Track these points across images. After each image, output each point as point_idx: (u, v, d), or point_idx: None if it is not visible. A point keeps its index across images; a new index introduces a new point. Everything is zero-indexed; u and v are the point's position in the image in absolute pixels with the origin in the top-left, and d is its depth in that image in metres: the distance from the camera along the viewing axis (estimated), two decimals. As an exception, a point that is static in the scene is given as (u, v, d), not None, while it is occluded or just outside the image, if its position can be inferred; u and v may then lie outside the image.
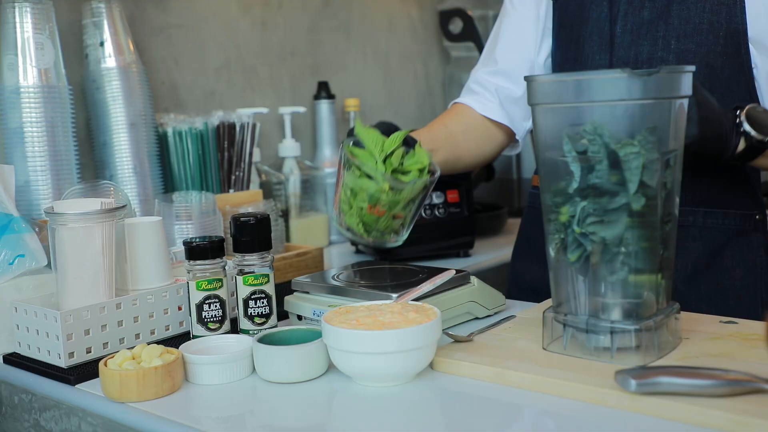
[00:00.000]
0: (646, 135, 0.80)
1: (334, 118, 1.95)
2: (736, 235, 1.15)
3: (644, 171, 0.80)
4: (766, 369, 0.78)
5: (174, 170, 1.54)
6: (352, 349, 0.82)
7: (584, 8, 1.17)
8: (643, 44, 1.12)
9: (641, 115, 0.80)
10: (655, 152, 0.80)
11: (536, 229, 1.31)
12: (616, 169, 0.81)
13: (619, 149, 0.80)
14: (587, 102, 0.81)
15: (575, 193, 0.83)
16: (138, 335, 1.02)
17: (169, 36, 1.69)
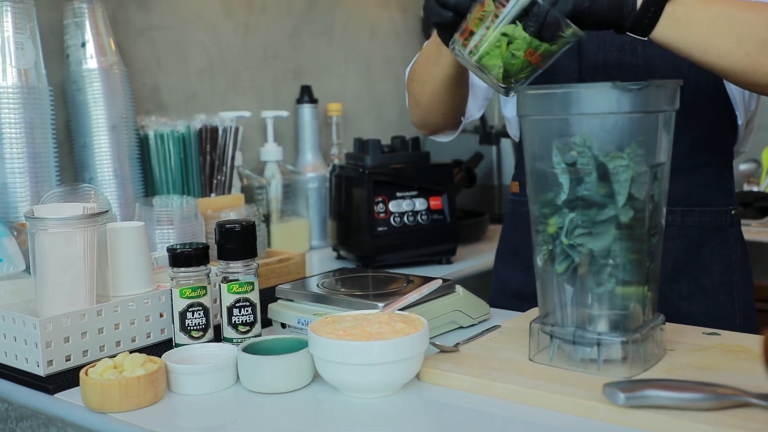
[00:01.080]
0: (635, 148, 0.80)
1: (317, 122, 1.94)
2: (714, 231, 1.16)
3: (633, 184, 0.80)
4: (752, 382, 0.79)
5: (155, 173, 1.52)
6: (339, 360, 0.82)
7: None
8: (611, 50, 1.13)
9: (630, 127, 0.80)
10: (644, 165, 0.81)
11: (518, 235, 1.32)
12: (605, 182, 0.81)
13: (608, 162, 0.80)
14: (576, 114, 0.81)
15: (564, 204, 0.83)
16: (119, 343, 1.00)
17: (152, 37, 1.67)
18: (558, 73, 1.17)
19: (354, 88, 2.19)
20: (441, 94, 1.21)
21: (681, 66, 1.10)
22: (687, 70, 1.10)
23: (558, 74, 1.17)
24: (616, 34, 0.93)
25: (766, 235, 1.89)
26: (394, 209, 1.55)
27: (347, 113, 2.13)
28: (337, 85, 2.13)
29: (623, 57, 1.13)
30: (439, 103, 1.24)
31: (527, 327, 1.02)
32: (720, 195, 1.17)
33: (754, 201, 2.23)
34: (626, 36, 1.11)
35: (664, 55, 1.10)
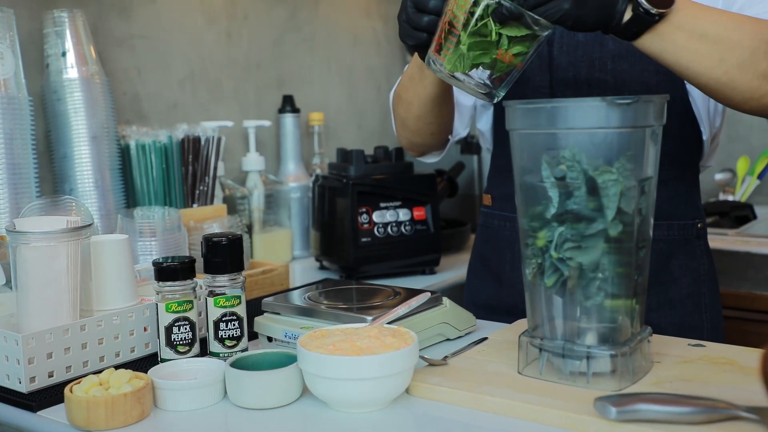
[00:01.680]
0: (624, 162, 0.80)
1: (299, 132, 1.93)
2: (681, 244, 1.18)
3: (622, 198, 0.81)
4: (740, 395, 0.80)
5: (136, 184, 1.50)
6: (330, 375, 0.81)
7: None
8: (581, 65, 1.15)
9: (619, 142, 0.80)
10: (633, 179, 0.81)
11: (489, 248, 1.32)
12: (594, 196, 0.81)
13: (598, 176, 0.81)
14: (566, 129, 0.81)
15: (553, 218, 0.84)
16: (102, 358, 0.99)
17: (133, 46, 1.66)
18: (529, 87, 1.19)
19: (336, 97, 2.18)
20: (428, 114, 1.22)
21: (649, 82, 1.12)
22: (655, 87, 1.12)
23: (529, 88, 1.19)
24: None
25: (742, 245, 1.91)
26: (377, 220, 1.55)
27: (329, 123, 2.13)
28: (319, 94, 2.13)
29: (593, 73, 1.14)
30: (426, 123, 1.25)
31: (514, 339, 1.02)
32: (687, 208, 1.19)
33: (730, 210, 2.25)
34: (596, 52, 1.14)
35: (633, 72, 1.12)
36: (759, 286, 1.84)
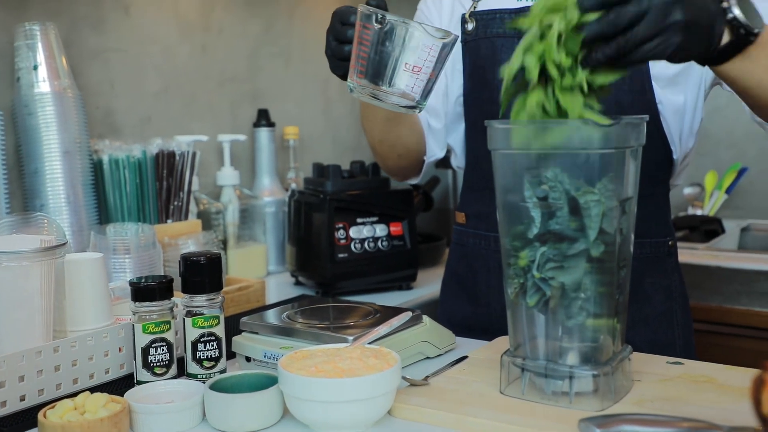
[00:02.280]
0: (605, 183, 0.81)
1: (274, 146, 1.92)
2: (653, 262, 1.19)
3: (604, 218, 0.81)
4: (720, 414, 0.80)
5: (109, 200, 1.48)
6: (313, 397, 0.80)
7: (495, 51, 1.20)
8: None
9: (600, 163, 0.81)
10: (614, 200, 0.82)
11: (463, 266, 1.32)
12: (576, 216, 0.81)
13: (580, 196, 0.81)
14: (548, 150, 0.82)
15: (535, 238, 0.84)
16: (76, 380, 0.97)
17: (106, 60, 1.64)
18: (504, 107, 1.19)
19: (311, 111, 2.18)
20: (387, 136, 1.27)
21: (622, 102, 1.13)
22: (628, 106, 1.13)
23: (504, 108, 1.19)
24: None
25: (712, 259, 1.93)
26: (354, 235, 1.54)
27: (304, 137, 2.12)
28: (294, 108, 2.12)
29: None
30: (389, 146, 1.30)
31: (494, 358, 1.02)
32: (658, 227, 1.20)
33: (699, 225, 2.28)
34: None
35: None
36: (729, 299, 1.86)
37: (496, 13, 1.20)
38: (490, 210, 1.26)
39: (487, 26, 1.21)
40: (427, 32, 0.91)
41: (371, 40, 0.93)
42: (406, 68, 0.93)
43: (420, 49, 0.92)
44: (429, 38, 0.92)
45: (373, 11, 0.92)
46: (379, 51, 0.92)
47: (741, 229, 2.35)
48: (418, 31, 0.91)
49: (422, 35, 0.91)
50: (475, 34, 1.23)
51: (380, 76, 0.94)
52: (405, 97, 0.95)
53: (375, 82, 0.94)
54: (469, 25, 1.23)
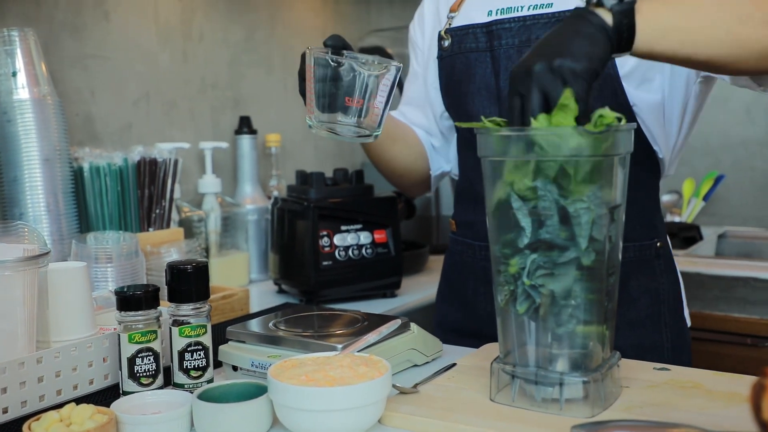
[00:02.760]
0: (594, 190, 0.81)
1: (256, 153, 1.91)
2: (639, 265, 1.18)
3: (593, 226, 0.82)
4: (709, 419, 0.81)
5: (90, 208, 1.46)
6: (303, 406, 0.79)
7: (470, 65, 1.22)
8: None
9: (590, 170, 0.81)
10: (604, 207, 0.82)
11: (455, 273, 1.33)
12: (566, 225, 0.82)
13: (569, 205, 0.81)
14: (538, 157, 0.82)
15: (525, 246, 0.84)
16: (60, 391, 0.95)
17: (86, 66, 1.62)
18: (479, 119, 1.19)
19: (292, 118, 2.17)
20: (381, 156, 1.34)
21: (594, 107, 1.12)
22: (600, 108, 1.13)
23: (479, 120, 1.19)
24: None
25: (692, 265, 1.95)
26: (338, 243, 1.53)
27: (285, 144, 2.11)
28: (276, 115, 2.11)
29: None
30: (385, 165, 1.36)
31: (483, 365, 1.02)
32: (642, 229, 1.20)
33: (678, 231, 2.31)
34: None
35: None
36: (708, 306, 1.88)
37: (469, 28, 1.22)
38: (475, 219, 1.27)
39: (461, 41, 1.23)
40: (365, 66, 1.01)
41: (317, 78, 1.02)
42: (350, 102, 1.01)
43: (361, 82, 1.00)
44: (367, 71, 1.00)
45: (314, 52, 1.02)
46: (325, 88, 1.02)
47: (718, 235, 2.38)
48: (356, 65, 1.00)
49: (361, 69, 1.00)
50: (451, 50, 1.25)
51: (329, 112, 1.03)
52: (358, 129, 1.03)
53: (327, 118, 1.03)
54: (445, 41, 1.25)
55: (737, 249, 2.39)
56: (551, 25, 1.12)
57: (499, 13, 1.19)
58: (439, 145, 1.38)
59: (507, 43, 1.17)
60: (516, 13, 1.17)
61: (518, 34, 1.16)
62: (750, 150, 2.47)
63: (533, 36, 1.14)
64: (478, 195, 1.27)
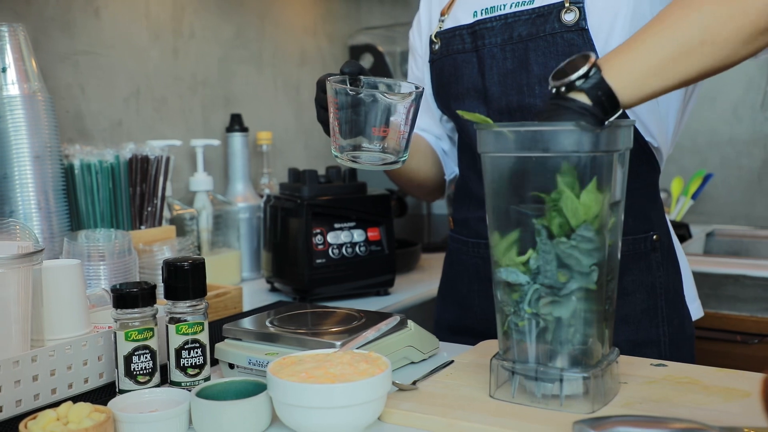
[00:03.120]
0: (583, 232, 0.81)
1: (247, 151, 1.90)
2: (633, 259, 1.17)
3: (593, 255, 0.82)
4: (708, 414, 0.81)
5: (81, 206, 1.44)
6: (305, 403, 0.79)
7: (457, 67, 1.22)
8: (511, 93, 1.15)
9: (591, 166, 0.81)
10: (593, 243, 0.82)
11: (453, 271, 1.33)
12: (565, 269, 0.82)
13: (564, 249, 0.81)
14: (539, 154, 0.82)
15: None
16: (54, 390, 0.94)
17: (76, 62, 1.60)
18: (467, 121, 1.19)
19: (283, 115, 2.16)
20: (402, 175, 1.33)
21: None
22: None
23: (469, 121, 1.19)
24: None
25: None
26: (332, 241, 1.53)
27: (276, 142, 2.10)
28: (266, 113, 2.10)
29: (523, 98, 1.14)
30: (408, 180, 1.36)
31: (480, 362, 1.02)
32: (636, 222, 1.18)
33: (669, 229, 2.32)
34: (524, 78, 1.14)
35: None
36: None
37: (455, 30, 1.22)
38: (469, 216, 1.27)
39: (448, 44, 1.23)
40: (386, 92, 1.01)
41: (340, 107, 1.01)
42: (374, 130, 1.00)
43: (383, 109, 1.00)
44: (389, 98, 1.00)
45: (334, 81, 1.01)
46: (349, 118, 1.01)
47: (706, 234, 2.40)
48: (377, 92, 0.99)
49: (382, 96, 0.99)
50: (440, 53, 1.25)
51: (353, 141, 1.02)
52: (384, 156, 1.02)
53: (352, 147, 1.02)
54: (436, 45, 1.25)
55: (726, 247, 2.41)
56: (532, 20, 1.12)
57: (484, 13, 1.19)
58: (448, 149, 1.39)
59: (490, 42, 1.16)
60: (498, 12, 1.17)
61: (500, 32, 1.15)
62: (737, 148, 2.49)
63: (515, 33, 1.14)
64: (472, 193, 1.27)
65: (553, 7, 1.10)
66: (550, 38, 1.11)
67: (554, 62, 1.11)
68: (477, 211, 1.25)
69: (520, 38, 1.13)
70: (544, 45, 1.11)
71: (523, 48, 1.13)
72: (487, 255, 1.21)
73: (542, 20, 1.12)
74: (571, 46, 1.09)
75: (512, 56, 1.15)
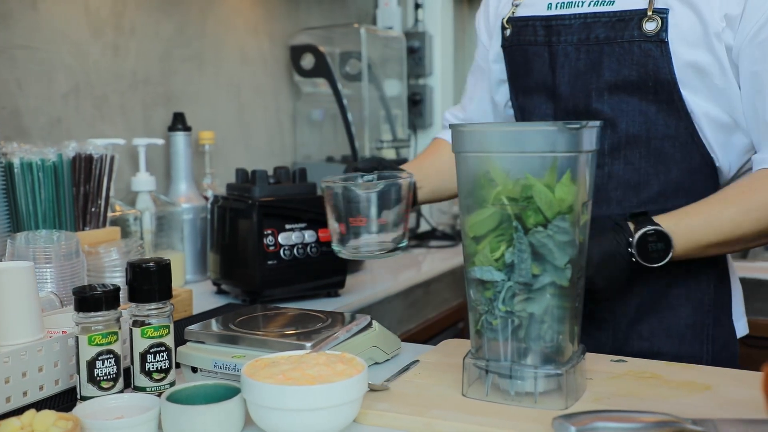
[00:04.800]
0: (558, 223, 0.83)
1: (190, 150, 1.86)
2: (682, 273, 1.14)
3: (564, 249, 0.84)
4: (674, 407, 0.84)
5: (20, 206, 1.38)
6: (284, 406, 0.77)
7: (528, 59, 1.19)
8: (579, 95, 1.14)
9: (567, 165, 0.83)
10: (568, 234, 0.84)
11: None
12: (539, 261, 0.84)
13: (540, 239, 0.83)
14: (517, 152, 0.83)
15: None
16: (9, 398, 0.89)
17: (13, 57, 1.53)
18: (535, 116, 1.19)
19: (224, 115, 2.12)
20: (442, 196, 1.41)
21: (647, 113, 1.10)
22: (654, 115, 1.10)
23: (535, 116, 1.19)
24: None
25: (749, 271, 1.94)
26: (283, 242, 1.51)
27: (217, 142, 2.06)
28: (208, 112, 2.06)
29: (591, 102, 1.13)
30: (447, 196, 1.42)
31: (447, 361, 1.03)
32: None
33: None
34: (593, 83, 1.12)
35: (630, 101, 1.10)
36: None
37: (528, 20, 1.18)
38: None
39: (519, 33, 1.20)
40: (378, 185, 1.07)
41: (333, 206, 1.10)
42: (371, 222, 1.07)
43: (378, 201, 1.07)
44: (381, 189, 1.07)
45: (327, 181, 1.09)
46: (345, 213, 1.09)
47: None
48: (371, 186, 1.06)
49: (375, 189, 1.06)
50: (510, 41, 1.22)
51: (353, 235, 1.09)
52: (383, 245, 1.08)
53: (352, 241, 1.09)
54: (507, 31, 1.22)
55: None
56: (612, 24, 1.10)
57: (559, 8, 1.15)
58: None
59: (566, 40, 1.14)
60: (576, 8, 1.14)
61: (578, 31, 1.13)
62: None
63: (592, 35, 1.11)
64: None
65: (634, 13, 1.08)
66: (627, 45, 1.08)
67: (627, 70, 1.09)
68: None
69: (597, 40, 1.11)
70: (620, 51, 1.09)
71: (597, 50, 1.11)
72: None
73: (622, 25, 1.09)
74: (647, 57, 1.07)
75: (586, 57, 1.12)
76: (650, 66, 1.08)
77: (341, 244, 1.12)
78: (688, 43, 1.06)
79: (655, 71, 1.08)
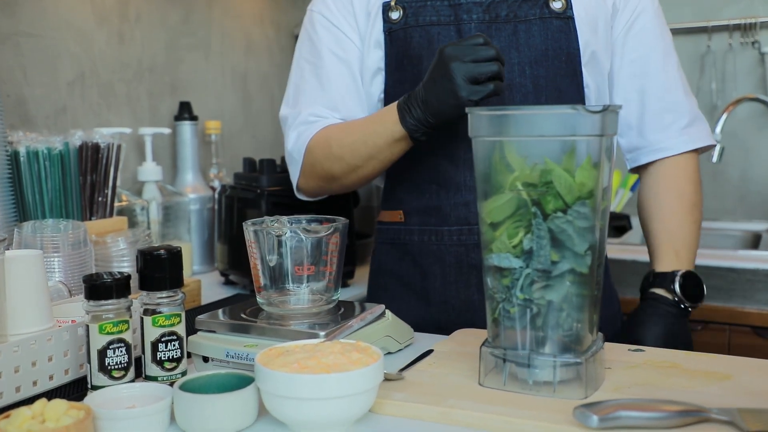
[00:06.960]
0: (578, 208, 0.81)
1: (197, 140, 1.84)
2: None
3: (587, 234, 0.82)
4: (695, 396, 0.82)
5: (26, 195, 1.36)
6: (299, 395, 0.76)
7: (431, 40, 1.16)
8: None
9: (586, 151, 0.81)
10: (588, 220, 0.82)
11: (405, 266, 1.26)
12: (558, 248, 0.82)
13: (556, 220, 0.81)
14: (537, 136, 0.81)
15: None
16: (18, 388, 0.88)
17: (17, 44, 1.51)
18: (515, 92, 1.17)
19: (230, 104, 2.10)
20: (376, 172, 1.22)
21: (561, 88, 1.16)
22: (566, 90, 1.17)
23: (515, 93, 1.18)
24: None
25: (625, 253, 2.01)
26: (292, 232, 1.49)
27: (223, 131, 2.04)
28: (214, 101, 2.04)
29: (513, 77, 1.15)
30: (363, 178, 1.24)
31: (461, 350, 1.01)
32: None
33: (610, 221, 2.37)
34: (515, 58, 1.15)
35: (547, 76, 1.16)
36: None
37: (427, 0, 1.18)
38: (440, 203, 1.22)
39: (417, 14, 1.17)
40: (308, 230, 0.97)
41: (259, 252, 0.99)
42: (299, 270, 0.97)
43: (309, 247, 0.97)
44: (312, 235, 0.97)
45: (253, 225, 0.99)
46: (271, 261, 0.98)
47: (646, 224, 2.46)
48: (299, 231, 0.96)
49: (304, 235, 0.96)
50: (404, 22, 1.18)
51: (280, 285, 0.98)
52: (314, 297, 0.98)
53: (279, 293, 0.98)
54: (394, 13, 1.18)
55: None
56: (519, 4, 1.15)
57: None
58: None
59: (478, 18, 1.15)
60: None
61: (487, 10, 1.15)
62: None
63: (502, 13, 1.14)
64: (444, 179, 1.21)
65: None
66: (540, 22, 1.14)
67: (543, 45, 1.15)
68: (453, 198, 1.21)
69: (508, 19, 1.15)
70: (536, 28, 1.14)
71: (511, 28, 1.14)
72: (470, 241, 1.20)
73: (531, 3, 1.15)
74: (560, 32, 1.13)
75: (499, 34, 1.14)
76: (562, 40, 1.15)
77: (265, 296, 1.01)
78: (586, 23, 1.15)
79: (567, 44, 1.15)
